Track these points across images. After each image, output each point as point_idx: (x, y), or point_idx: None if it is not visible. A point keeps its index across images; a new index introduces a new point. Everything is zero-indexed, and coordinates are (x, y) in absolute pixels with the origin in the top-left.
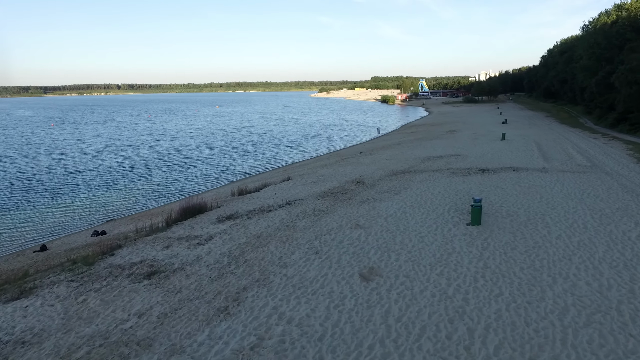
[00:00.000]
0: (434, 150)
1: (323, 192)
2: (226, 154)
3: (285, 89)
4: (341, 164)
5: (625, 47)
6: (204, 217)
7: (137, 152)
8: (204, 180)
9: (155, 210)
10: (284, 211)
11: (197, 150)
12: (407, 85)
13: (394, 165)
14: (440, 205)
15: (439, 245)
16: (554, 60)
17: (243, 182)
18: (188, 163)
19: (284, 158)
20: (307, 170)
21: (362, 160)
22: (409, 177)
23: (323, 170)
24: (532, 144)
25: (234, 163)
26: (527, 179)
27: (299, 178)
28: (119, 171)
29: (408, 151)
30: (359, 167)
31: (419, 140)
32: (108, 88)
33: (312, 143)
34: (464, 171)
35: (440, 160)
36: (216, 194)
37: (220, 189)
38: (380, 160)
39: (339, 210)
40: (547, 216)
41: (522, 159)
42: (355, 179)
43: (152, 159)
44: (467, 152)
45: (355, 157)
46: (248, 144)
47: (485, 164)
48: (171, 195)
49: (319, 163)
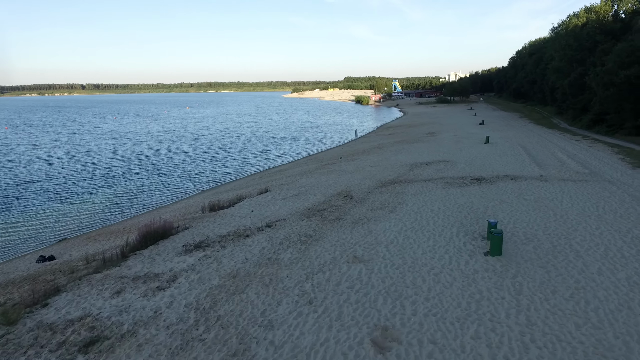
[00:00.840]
0: (420, 156)
1: (307, 209)
2: (197, 160)
3: (258, 89)
4: (322, 171)
5: (597, 49)
6: (168, 245)
7: (100, 158)
8: (173, 191)
9: (116, 227)
10: (265, 237)
11: (166, 155)
12: (381, 86)
13: (381, 173)
14: (445, 226)
15: (461, 288)
16: (522, 61)
17: (215, 192)
18: (155, 170)
19: (259, 163)
20: (285, 179)
21: (345, 168)
22: (401, 188)
23: (304, 180)
24: (519, 148)
25: (205, 170)
26: (529, 190)
27: (277, 189)
28: (77, 181)
29: (392, 156)
30: (342, 175)
31: (400, 144)
32: (72, 88)
33: (289, 146)
34: (458, 181)
35: (429, 167)
36: (185, 208)
37: (190, 200)
38: (365, 168)
39: (329, 234)
40: (573, 240)
41: (514, 165)
42: (341, 191)
43: (116, 167)
44: (455, 157)
45: (337, 162)
46: (221, 148)
47: (479, 172)
48: (135, 208)
49: (297, 169)
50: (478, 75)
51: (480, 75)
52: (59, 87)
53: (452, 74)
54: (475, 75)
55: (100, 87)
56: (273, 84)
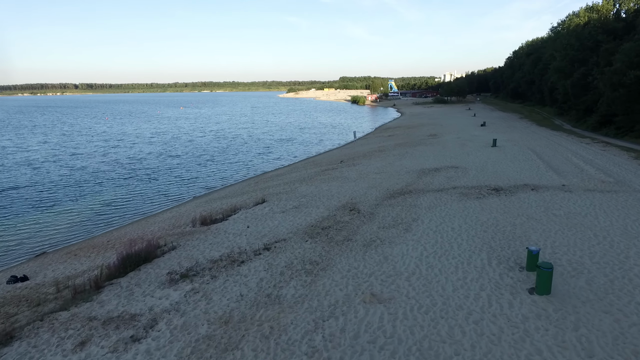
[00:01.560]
0: (426, 161)
1: (310, 225)
2: (191, 164)
3: (253, 89)
4: (323, 177)
5: (601, 49)
6: (151, 271)
7: (88, 162)
8: (164, 198)
9: (100, 239)
10: (262, 263)
11: (158, 159)
12: (377, 86)
13: (387, 181)
14: (473, 250)
15: (513, 345)
16: (519, 61)
17: (208, 199)
18: (146, 175)
19: (256, 167)
20: (284, 187)
21: (347, 174)
22: (412, 200)
23: (304, 188)
24: (529, 152)
25: (199, 174)
26: (556, 204)
27: (275, 199)
28: (63, 187)
29: (396, 161)
30: (345, 183)
31: (402, 147)
32: (64, 88)
33: (286, 149)
34: (474, 191)
35: (438, 174)
36: (176, 218)
37: (181, 209)
38: (369, 175)
39: (338, 261)
40: (630, 272)
41: (530, 172)
42: (346, 203)
43: (105, 171)
44: (463, 162)
45: (337, 168)
46: (215, 151)
47: (494, 180)
48: (123, 217)
49: (296, 175)
50: (474, 75)
51: (476, 75)
52: (51, 87)
53: (447, 74)
54: (471, 75)
55: (94, 87)
56: (268, 84)
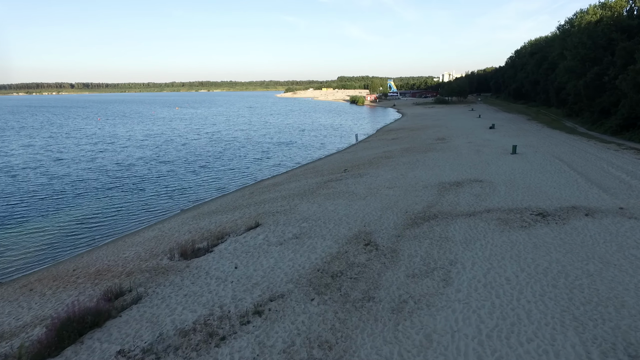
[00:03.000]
0: (442, 172)
1: (315, 269)
2: (182, 171)
3: (250, 88)
4: (326, 192)
5: (617, 48)
6: (96, 346)
7: (72, 168)
8: (147, 212)
9: (66, 266)
10: (251, 345)
11: (148, 165)
12: (376, 86)
13: (404, 200)
14: (553, 325)
15: None
16: (522, 61)
17: (197, 214)
18: (133, 185)
19: (251, 175)
20: (281, 203)
21: (355, 188)
22: (440, 229)
23: (304, 206)
24: (557, 162)
25: (190, 183)
26: (628, 238)
27: (271, 222)
28: (39, 200)
29: (408, 172)
30: (354, 202)
31: (410, 153)
32: (60, 87)
33: (285, 153)
34: (515, 216)
35: (461, 190)
36: (156, 239)
37: (165, 226)
38: (380, 190)
39: (360, 344)
40: None
41: (570, 188)
42: (358, 232)
43: (88, 180)
44: (487, 174)
45: (341, 178)
46: (210, 156)
47: (532, 200)
48: (100, 236)
49: (295, 185)
50: (474, 75)
51: (476, 75)
52: (47, 86)
53: (445, 74)
54: (471, 75)
55: (90, 86)
56: (266, 84)
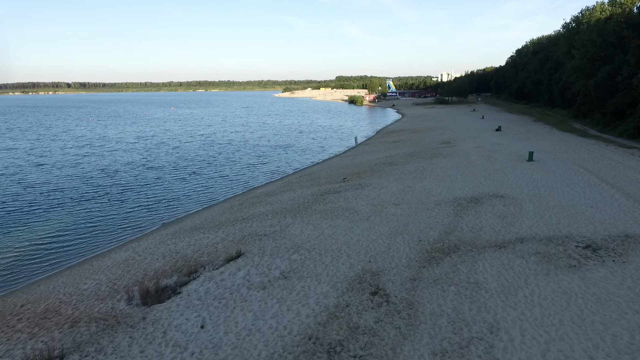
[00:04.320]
0: (454, 184)
1: (306, 336)
2: (171, 177)
3: (248, 88)
4: (323, 207)
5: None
6: None
7: (50, 175)
8: (125, 227)
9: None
10: None
11: (135, 171)
12: (375, 85)
13: (415, 222)
14: None
15: None
16: (524, 60)
17: (178, 229)
18: (116, 194)
19: (245, 181)
20: (271, 222)
21: (356, 205)
22: (467, 270)
23: (297, 227)
24: (583, 172)
25: (177, 192)
26: None
27: (256, 251)
28: (4, 214)
29: (416, 183)
30: (356, 223)
31: (415, 159)
32: (57, 87)
33: (282, 158)
34: (557, 250)
35: (481, 209)
36: (125, 264)
37: (141, 244)
38: (385, 207)
39: None
40: None
41: (611, 208)
42: (362, 270)
43: (66, 189)
44: (506, 187)
45: (341, 189)
46: (203, 161)
47: (572, 224)
48: (61, 261)
49: (288, 197)
50: (473, 74)
51: (475, 75)
52: (43, 86)
53: (444, 74)
54: (471, 75)
55: (87, 86)
56: (264, 83)
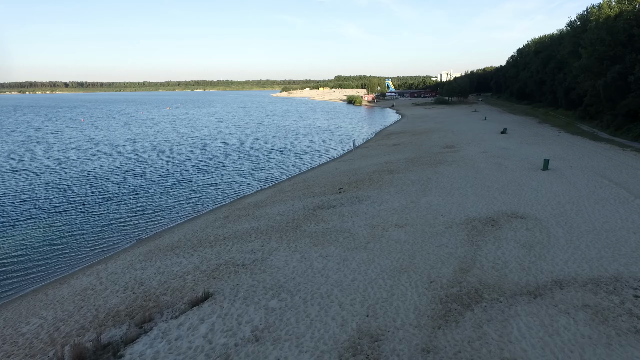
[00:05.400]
0: (464, 198)
1: None
2: (157, 185)
3: (247, 87)
4: (314, 225)
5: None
6: None
7: (27, 183)
8: (96, 245)
9: None
10: None
11: (119, 178)
12: (374, 85)
13: (422, 252)
14: None
15: None
16: (525, 60)
17: (154, 246)
18: (94, 205)
19: (235, 189)
20: (252, 245)
21: (352, 226)
22: (498, 337)
23: (281, 257)
24: (610, 184)
25: (160, 203)
26: None
27: (228, 291)
28: None
29: (421, 197)
30: (351, 253)
31: (417, 165)
32: (54, 86)
33: (277, 162)
34: (607, 299)
35: (501, 234)
36: (79, 299)
37: (108, 267)
38: (386, 230)
39: None
40: None
41: None
42: (358, 334)
43: (40, 199)
44: (525, 204)
45: (335, 204)
46: (193, 167)
47: (621, 261)
48: (13, 286)
49: (277, 212)
50: (473, 74)
51: (475, 75)
52: (40, 85)
53: (443, 73)
54: (471, 75)
55: (85, 85)
56: (262, 83)
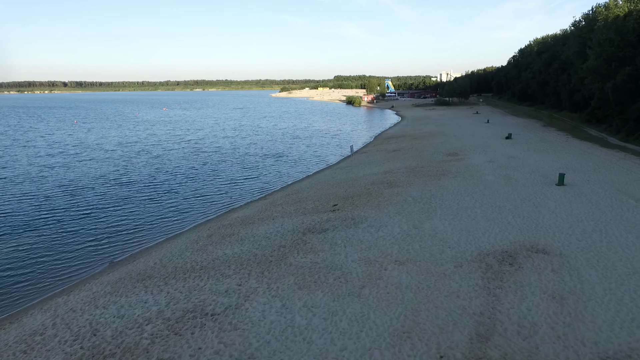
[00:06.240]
0: (474, 222)
1: None
2: (142, 196)
3: (246, 87)
4: (301, 256)
5: None
6: None
7: (0, 192)
8: (61, 271)
9: None
10: None
11: (103, 188)
12: (373, 85)
13: (427, 306)
14: None
15: None
16: (527, 60)
17: (126, 271)
18: (70, 221)
19: (221, 202)
20: (228, 283)
21: (345, 259)
22: None
23: (258, 304)
24: (638, 206)
25: (142, 218)
26: None
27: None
28: None
29: (425, 221)
30: (342, 301)
31: (418, 176)
32: (53, 86)
33: (272, 170)
34: None
35: (522, 277)
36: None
37: (66, 303)
38: (385, 269)
39: None
40: None
41: None
42: None
43: (10, 213)
44: (545, 232)
45: (328, 225)
46: (183, 175)
47: None
48: None
49: (264, 233)
50: (474, 74)
51: (476, 75)
52: (39, 85)
53: (443, 73)
54: (472, 75)
55: (83, 85)
56: (262, 83)
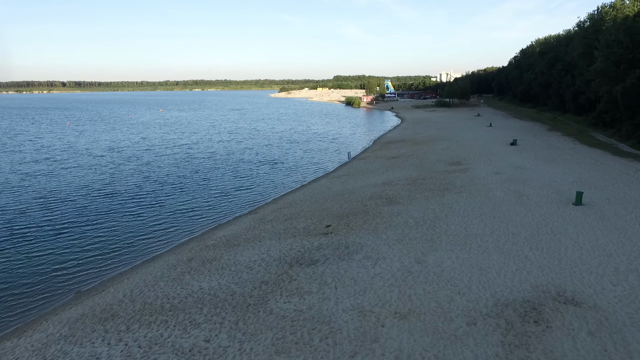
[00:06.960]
0: (486, 258)
1: None
2: (125, 210)
3: (245, 87)
4: (284, 301)
5: None
6: None
7: None
8: (17, 306)
9: None
10: None
11: (85, 199)
12: (373, 86)
13: None
14: None
15: None
16: (529, 61)
17: (88, 310)
18: (42, 238)
19: (210, 217)
20: (194, 338)
21: (334, 307)
22: None
23: None
24: None
25: (121, 237)
26: None
27: None
28: None
29: (429, 253)
30: None
31: (419, 190)
32: (51, 85)
33: (266, 179)
34: None
35: (555, 346)
36: None
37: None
38: (383, 325)
39: None
40: None
41: None
42: None
43: None
44: (573, 274)
45: (318, 255)
46: (171, 184)
47: None
48: None
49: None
50: (474, 75)
51: (476, 75)
52: (38, 85)
53: (443, 73)
54: (472, 75)
55: (82, 85)
56: (261, 83)
